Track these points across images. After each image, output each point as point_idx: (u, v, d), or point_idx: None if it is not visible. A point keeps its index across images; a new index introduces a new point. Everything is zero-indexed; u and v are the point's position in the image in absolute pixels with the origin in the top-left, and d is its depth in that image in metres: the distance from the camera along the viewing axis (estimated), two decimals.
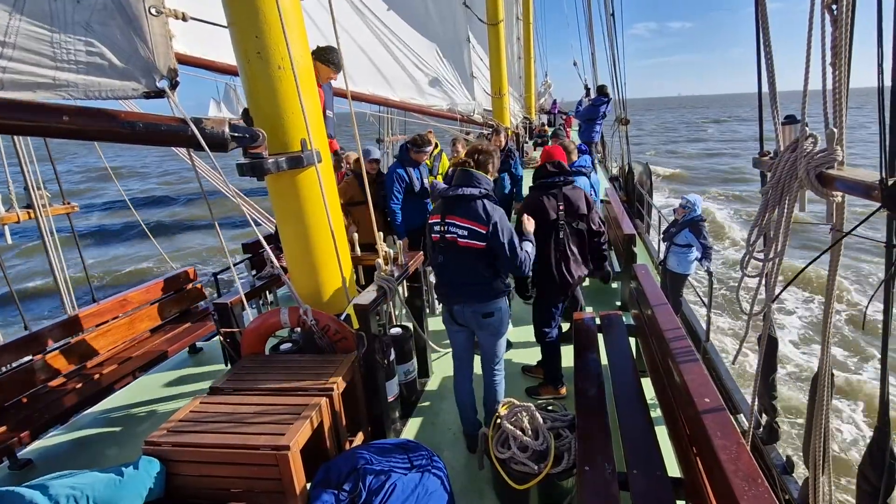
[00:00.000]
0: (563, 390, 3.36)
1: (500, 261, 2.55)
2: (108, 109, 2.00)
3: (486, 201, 2.53)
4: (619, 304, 4.76)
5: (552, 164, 3.16)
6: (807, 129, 1.78)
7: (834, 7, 1.59)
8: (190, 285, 4.56)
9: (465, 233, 2.51)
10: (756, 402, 2.32)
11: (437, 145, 7.32)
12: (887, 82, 1.46)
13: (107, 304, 3.88)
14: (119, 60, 2.08)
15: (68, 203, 4.44)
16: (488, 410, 2.87)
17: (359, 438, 2.50)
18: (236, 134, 2.14)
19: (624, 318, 3.46)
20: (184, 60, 3.89)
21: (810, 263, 2.05)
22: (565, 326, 3.77)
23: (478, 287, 2.59)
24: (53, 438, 3.36)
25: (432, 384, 3.66)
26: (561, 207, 3.07)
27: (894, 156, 1.48)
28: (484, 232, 2.48)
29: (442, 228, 2.58)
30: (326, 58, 3.48)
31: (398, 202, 4.63)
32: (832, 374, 2.09)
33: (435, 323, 4.43)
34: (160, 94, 2.17)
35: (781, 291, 1.90)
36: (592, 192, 4.39)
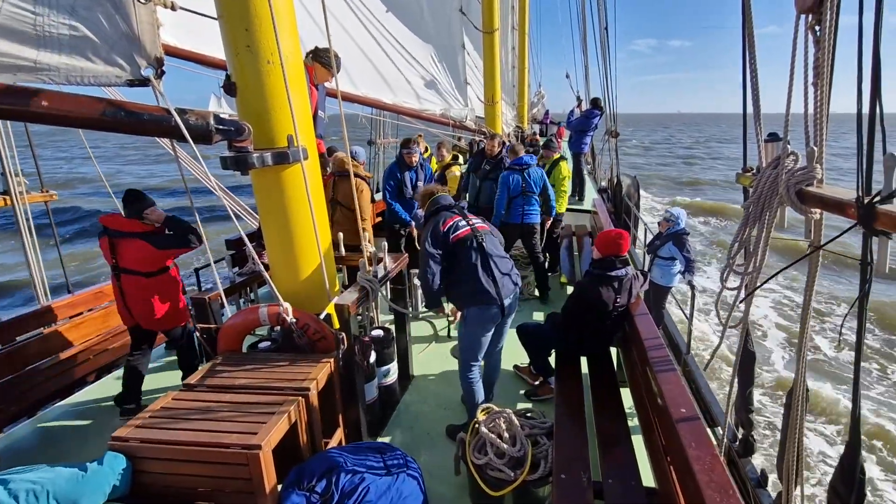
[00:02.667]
0: None
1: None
2: (89, 96, 1.96)
3: None
4: None
5: (620, 259, 3.09)
6: (788, 146, 1.82)
7: (817, 28, 1.63)
8: None
9: (482, 220, 3.04)
10: (732, 415, 2.34)
11: (427, 149, 7.36)
12: (865, 108, 1.49)
13: (82, 295, 3.79)
14: (103, 46, 2.04)
15: (46, 191, 4.33)
16: (493, 383, 3.23)
17: (335, 440, 2.47)
18: (221, 126, 2.11)
19: None
20: (174, 53, 3.83)
21: (784, 269, 2.08)
22: None
23: (511, 266, 2.98)
24: (20, 431, 3.26)
25: (412, 388, 3.64)
26: (619, 300, 3.05)
27: (871, 175, 1.51)
28: (483, 219, 3.08)
29: (470, 222, 2.93)
30: (326, 60, 3.45)
31: (393, 196, 4.76)
32: (807, 390, 2.12)
33: (417, 327, 4.41)
34: (145, 82, 2.13)
35: (751, 292, 1.92)
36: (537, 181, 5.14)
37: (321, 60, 3.43)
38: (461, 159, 6.09)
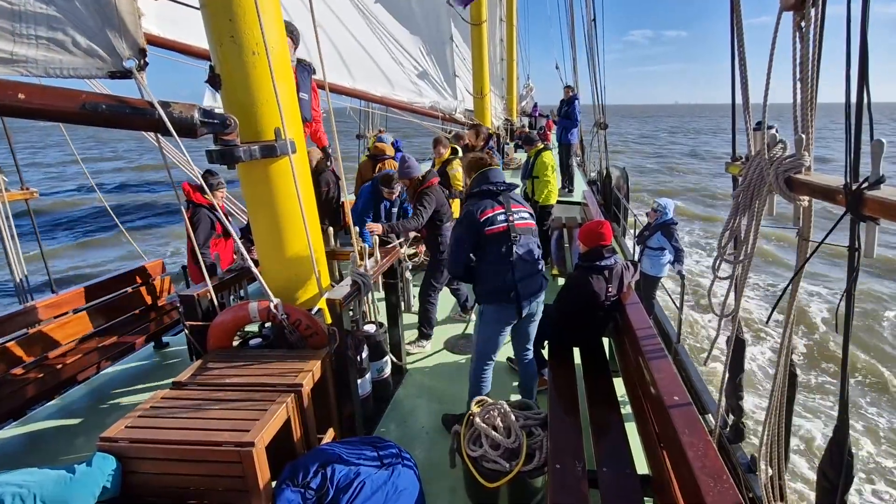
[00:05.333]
0: None
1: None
2: (69, 89, 1.90)
3: None
4: None
5: (607, 248, 3.06)
6: (777, 134, 1.83)
7: (802, 24, 1.63)
8: (157, 277, 4.41)
9: (527, 214, 2.82)
10: (723, 402, 2.37)
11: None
12: (853, 98, 1.50)
13: (66, 294, 3.71)
14: (83, 37, 1.99)
15: (27, 188, 4.22)
16: (531, 389, 3.11)
17: (329, 436, 2.45)
18: (206, 119, 2.07)
19: None
20: (159, 43, 3.73)
21: (791, 281, 2.06)
22: None
23: (541, 267, 2.83)
24: (7, 433, 3.19)
25: (406, 382, 3.63)
26: (610, 290, 3.02)
27: (858, 162, 1.52)
28: (531, 213, 2.85)
29: (510, 217, 2.70)
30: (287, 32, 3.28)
31: (363, 213, 4.55)
32: (795, 376, 2.15)
33: (409, 319, 4.40)
34: (127, 74, 2.08)
35: (770, 316, 1.94)
36: None
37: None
38: (461, 153, 5.90)
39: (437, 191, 4.25)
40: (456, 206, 5.46)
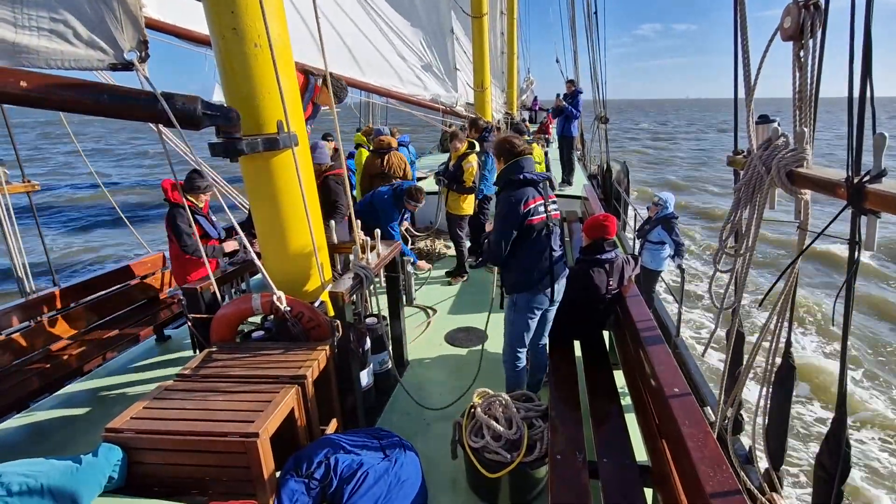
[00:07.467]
0: None
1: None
2: (71, 78, 1.90)
3: None
4: None
5: (609, 242, 3.10)
6: (779, 128, 1.83)
7: (801, 54, 1.63)
8: (160, 270, 4.42)
9: (556, 205, 2.87)
10: (723, 394, 2.39)
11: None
12: (856, 93, 1.50)
13: (69, 287, 3.72)
14: (84, 29, 1.98)
15: (28, 181, 4.22)
16: (539, 382, 3.18)
17: (331, 427, 2.47)
18: (209, 112, 2.07)
19: None
20: (159, 27, 3.68)
21: (785, 271, 2.08)
22: None
23: (564, 253, 2.92)
24: (11, 425, 3.22)
25: (408, 374, 3.65)
26: (611, 283, 3.05)
27: (860, 156, 1.52)
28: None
29: (548, 207, 2.77)
30: (336, 87, 3.21)
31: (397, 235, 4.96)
32: (794, 368, 2.17)
33: (409, 312, 4.42)
34: (128, 66, 2.08)
35: (763, 300, 1.95)
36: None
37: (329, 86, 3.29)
38: (477, 147, 5.76)
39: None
40: (470, 200, 5.48)
